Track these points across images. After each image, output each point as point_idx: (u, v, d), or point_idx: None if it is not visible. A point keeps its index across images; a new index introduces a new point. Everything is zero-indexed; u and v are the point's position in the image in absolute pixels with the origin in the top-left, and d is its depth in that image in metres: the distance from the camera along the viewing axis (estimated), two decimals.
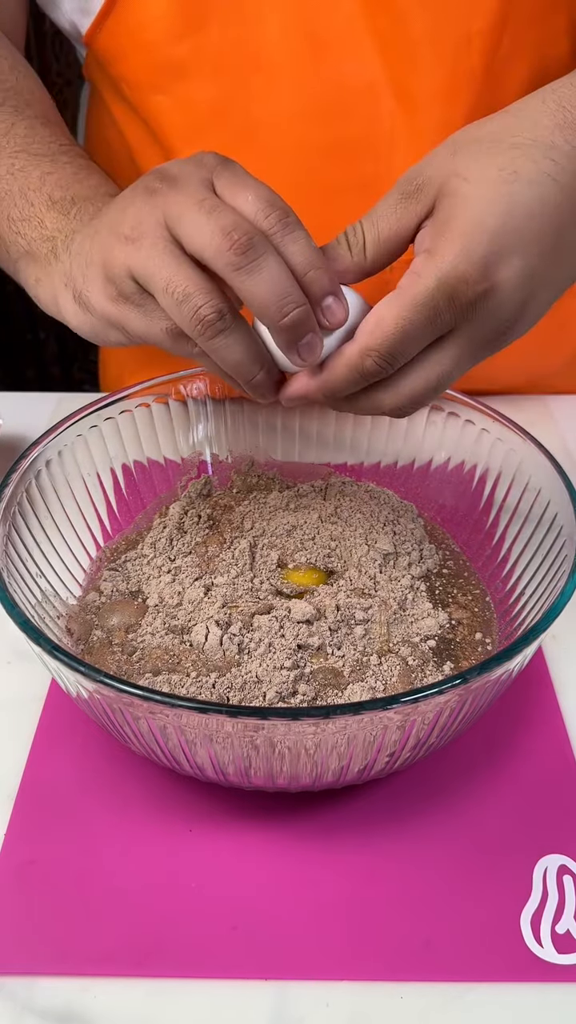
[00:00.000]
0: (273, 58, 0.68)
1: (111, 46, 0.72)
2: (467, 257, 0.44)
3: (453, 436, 0.65)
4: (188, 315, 0.45)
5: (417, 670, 0.54)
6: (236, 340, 0.46)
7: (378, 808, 0.53)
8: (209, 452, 0.70)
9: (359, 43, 0.67)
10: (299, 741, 0.45)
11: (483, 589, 0.61)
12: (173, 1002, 0.45)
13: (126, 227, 0.47)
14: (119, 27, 0.70)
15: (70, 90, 1.51)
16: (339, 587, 0.58)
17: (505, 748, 0.56)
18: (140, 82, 0.72)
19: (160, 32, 0.68)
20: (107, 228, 0.49)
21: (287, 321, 0.45)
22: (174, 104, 0.71)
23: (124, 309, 0.49)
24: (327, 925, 0.48)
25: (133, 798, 0.53)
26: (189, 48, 0.69)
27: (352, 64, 0.68)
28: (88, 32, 0.72)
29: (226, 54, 0.68)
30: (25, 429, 0.75)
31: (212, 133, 0.71)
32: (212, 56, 0.69)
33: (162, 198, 0.46)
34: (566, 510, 0.55)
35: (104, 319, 0.51)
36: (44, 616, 0.55)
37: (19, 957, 0.47)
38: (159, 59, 0.70)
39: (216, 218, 0.44)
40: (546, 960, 0.47)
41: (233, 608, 0.55)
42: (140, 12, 0.69)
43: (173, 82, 0.70)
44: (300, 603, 0.55)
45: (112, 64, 0.73)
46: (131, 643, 0.55)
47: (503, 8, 0.66)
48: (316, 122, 0.70)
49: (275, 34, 0.67)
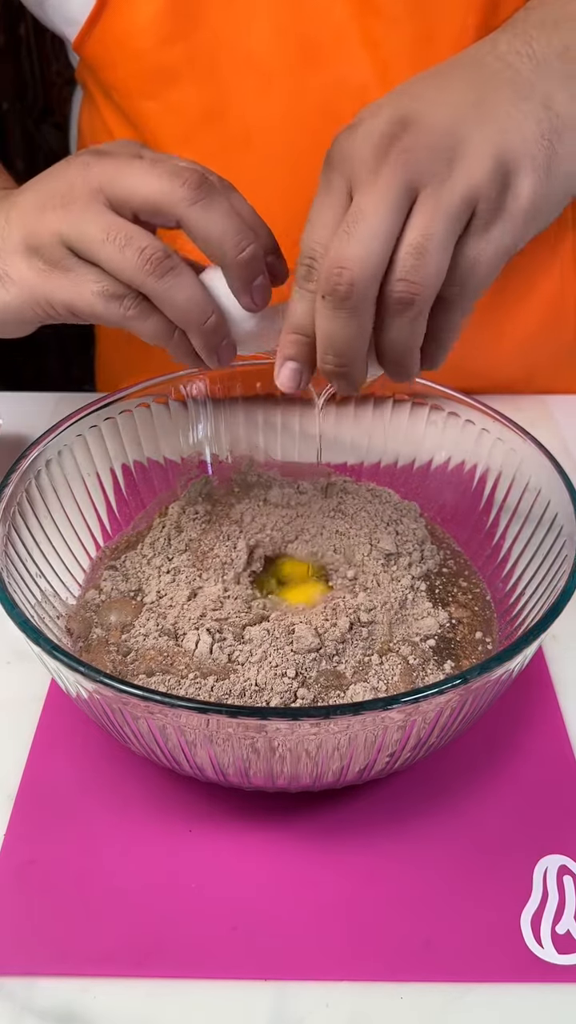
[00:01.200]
0: (264, 62, 0.68)
1: (99, 54, 0.71)
2: (385, 100, 0.44)
3: (453, 436, 0.65)
4: (134, 257, 0.44)
5: (418, 669, 0.54)
6: (185, 280, 0.46)
7: (378, 808, 0.53)
8: (209, 452, 0.70)
9: (350, 46, 0.67)
10: (300, 742, 0.45)
11: (483, 588, 0.61)
12: (173, 1002, 0.45)
13: (56, 198, 0.47)
14: (106, 35, 0.70)
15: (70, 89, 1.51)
16: (342, 591, 0.58)
17: (505, 748, 0.56)
18: (130, 89, 0.72)
19: (149, 39, 0.68)
20: (30, 203, 0.49)
21: (245, 255, 0.44)
22: (165, 110, 0.71)
23: (50, 278, 0.48)
24: (327, 925, 0.48)
25: (133, 798, 0.53)
26: (179, 54, 0.68)
27: (344, 67, 0.67)
28: (76, 40, 0.71)
29: (217, 59, 0.68)
30: (25, 429, 0.75)
31: (203, 138, 0.71)
32: (202, 61, 0.68)
33: (96, 167, 0.46)
34: (566, 510, 0.55)
35: (27, 295, 0.50)
36: (44, 616, 0.55)
37: (19, 957, 0.47)
38: (148, 66, 0.69)
39: (160, 167, 0.45)
40: (546, 960, 0.47)
41: (223, 620, 0.55)
42: (128, 19, 0.68)
43: (163, 88, 0.70)
44: (302, 627, 0.53)
45: (101, 71, 0.72)
46: (125, 643, 0.55)
47: (494, 5, 0.65)
48: (308, 126, 0.69)
49: (266, 38, 0.67)
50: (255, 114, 0.70)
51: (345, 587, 0.58)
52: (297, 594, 0.58)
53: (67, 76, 1.50)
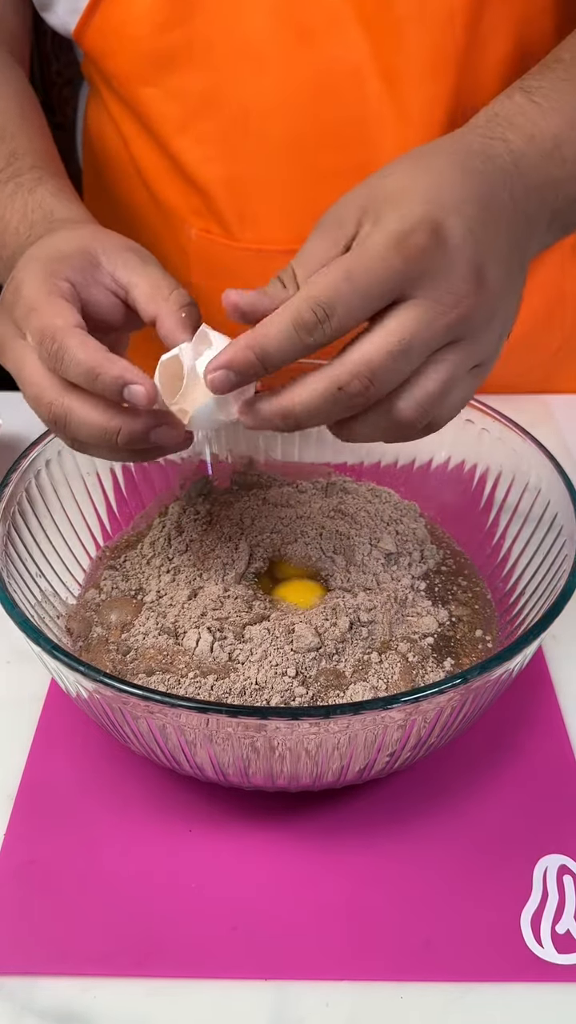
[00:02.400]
0: (261, 45, 0.69)
1: (99, 42, 0.72)
2: (408, 215, 0.43)
3: (453, 436, 0.65)
4: (43, 413, 0.49)
5: (418, 667, 0.54)
6: (77, 416, 0.47)
7: (378, 808, 0.53)
8: (209, 452, 0.70)
9: (345, 26, 0.67)
10: (299, 742, 0.45)
11: (483, 587, 0.61)
12: (173, 1002, 0.45)
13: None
14: (105, 23, 0.71)
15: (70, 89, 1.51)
16: (342, 591, 0.58)
17: (505, 748, 0.56)
18: (129, 76, 0.73)
19: (147, 25, 0.69)
20: None
21: (122, 444, 0.47)
22: (164, 96, 0.72)
23: None
24: (327, 925, 0.48)
25: (133, 798, 0.53)
26: (177, 39, 0.69)
27: (339, 48, 0.68)
28: (76, 29, 0.72)
29: (214, 43, 0.69)
30: (25, 429, 0.75)
31: (203, 123, 0.72)
32: (200, 46, 0.69)
33: None
34: (566, 510, 0.55)
35: None
36: (44, 616, 0.55)
37: (19, 957, 0.47)
38: (147, 52, 0.70)
39: (25, 391, 0.49)
40: (546, 960, 0.47)
41: (223, 619, 0.55)
42: (126, 7, 0.69)
43: (162, 74, 0.71)
44: (302, 626, 0.54)
45: (101, 60, 0.73)
46: (125, 643, 0.55)
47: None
48: (306, 108, 0.70)
49: (262, 21, 0.68)
50: (252, 97, 0.70)
51: (345, 587, 0.58)
52: (297, 594, 0.58)
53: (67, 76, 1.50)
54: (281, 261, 0.53)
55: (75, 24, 0.72)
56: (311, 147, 0.72)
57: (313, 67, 0.69)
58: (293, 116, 0.70)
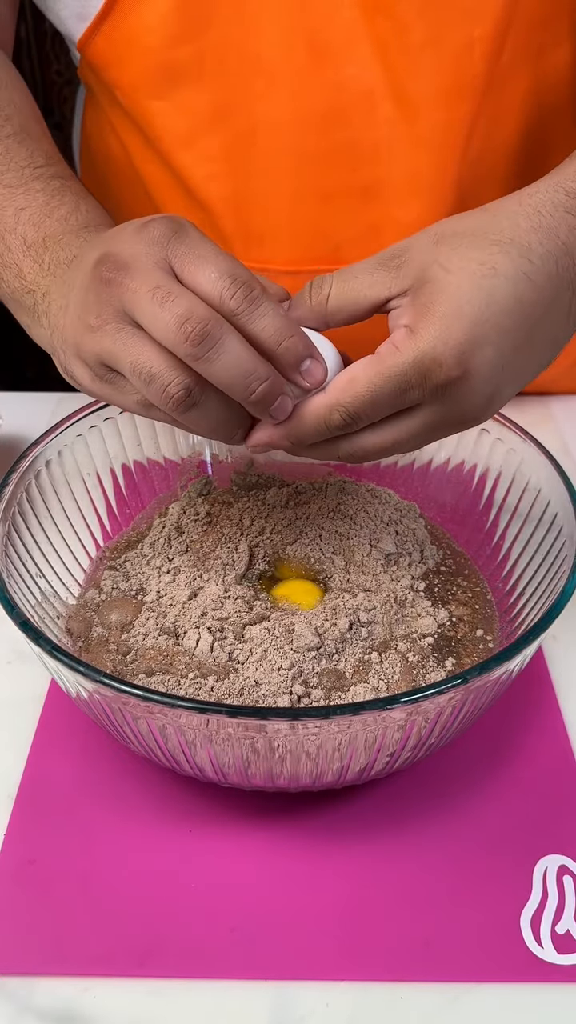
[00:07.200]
0: (273, 62, 0.68)
1: (106, 51, 0.71)
2: (444, 341, 0.45)
3: (453, 436, 0.65)
4: (157, 394, 0.46)
5: (418, 666, 0.54)
6: (206, 411, 0.47)
7: (378, 808, 0.53)
8: (209, 452, 0.70)
9: (359, 48, 0.67)
10: (300, 742, 0.45)
11: (484, 587, 0.61)
12: (173, 1002, 0.45)
13: (90, 317, 0.48)
14: (116, 32, 0.69)
15: (70, 89, 1.51)
16: (342, 591, 0.58)
17: (505, 748, 0.56)
18: (136, 87, 0.71)
19: (159, 37, 0.68)
20: (75, 311, 0.50)
21: (254, 397, 0.46)
22: (172, 109, 0.71)
23: (101, 387, 0.50)
24: (327, 925, 0.48)
25: (133, 798, 0.53)
26: (188, 53, 0.68)
27: (352, 68, 0.68)
28: (82, 37, 0.71)
29: (226, 58, 0.68)
30: (25, 429, 0.75)
31: (209, 139, 0.71)
32: (212, 61, 0.68)
33: (116, 288, 0.46)
34: (566, 510, 0.55)
35: (88, 392, 0.52)
36: (44, 616, 0.55)
37: (19, 957, 0.47)
38: (157, 64, 0.69)
39: (170, 308, 0.44)
40: (546, 960, 0.47)
41: (224, 620, 0.55)
42: (138, 17, 0.68)
43: (171, 87, 0.70)
44: (302, 626, 0.54)
45: (106, 69, 0.72)
46: (125, 643, 0.55)
47: (507, 13, 0.65)
48: (315, 127, 0.69)
49: (275, 38, 0.67)
50: (262, 114, 0.70)
51: (345, 587, 0.58)
52: (297, 595, 0.58)
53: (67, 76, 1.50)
54: (285, 281, 0.54)
55: (82, 31, 0.71)
56: (319, 167, 0.71)
57: (325, 87, 0.68)
58: (302, 135, 0.70)
